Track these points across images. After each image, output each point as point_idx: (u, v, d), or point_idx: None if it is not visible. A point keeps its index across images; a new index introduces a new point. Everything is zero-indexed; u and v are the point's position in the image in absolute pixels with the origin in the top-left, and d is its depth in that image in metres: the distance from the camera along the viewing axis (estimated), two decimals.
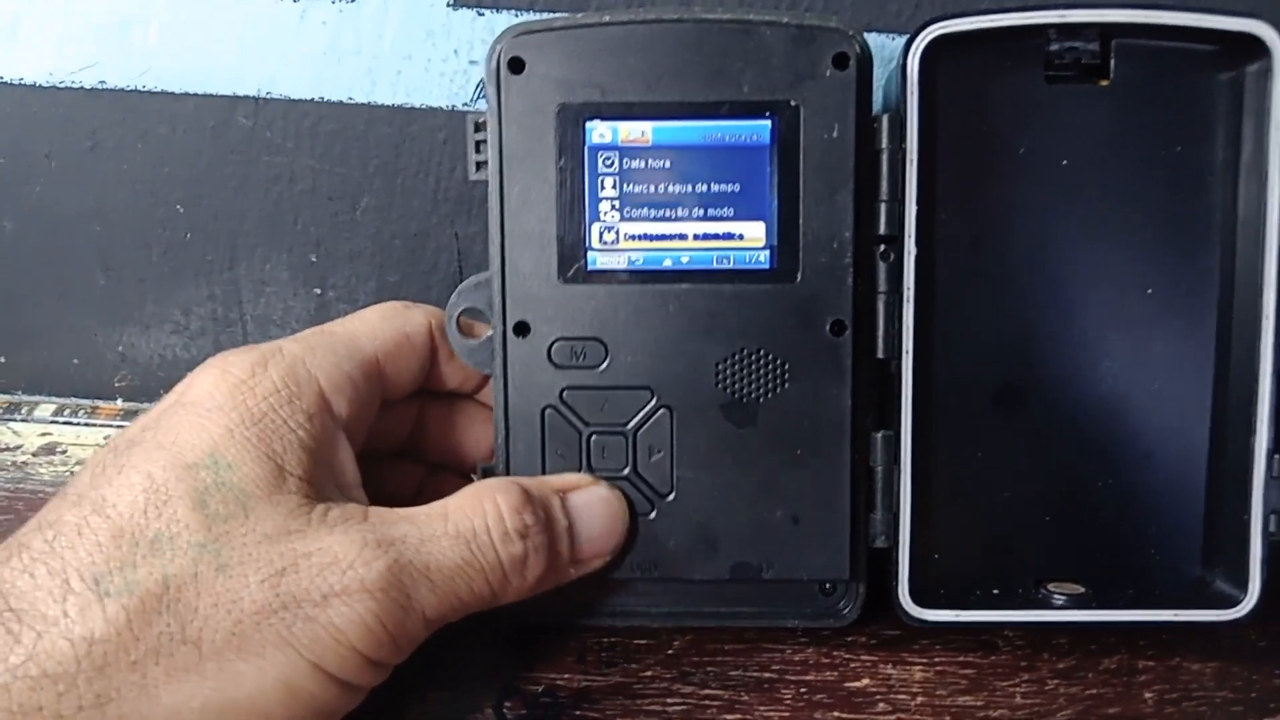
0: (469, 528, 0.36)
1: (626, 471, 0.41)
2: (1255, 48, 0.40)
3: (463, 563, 0.35)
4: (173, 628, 0.31)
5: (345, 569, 0.33)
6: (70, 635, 0.30)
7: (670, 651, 0.42)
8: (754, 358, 0.40)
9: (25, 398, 0.60)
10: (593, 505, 0.39)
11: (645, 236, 0.40)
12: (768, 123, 0.39)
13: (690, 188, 0.40)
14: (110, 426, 0.58)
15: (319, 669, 0.32)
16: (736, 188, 0.40)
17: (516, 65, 0.39)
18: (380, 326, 0.41)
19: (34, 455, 0.55)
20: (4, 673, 0.29)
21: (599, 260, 0.40)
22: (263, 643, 0.32)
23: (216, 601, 0.32)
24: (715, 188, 0.40)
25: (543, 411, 0.41)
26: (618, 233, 0.40)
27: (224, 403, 0.35)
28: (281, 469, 0.34)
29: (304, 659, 0.32)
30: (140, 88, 0.55)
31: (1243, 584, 0.41)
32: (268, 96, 0.54)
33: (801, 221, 0.39)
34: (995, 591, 0.42)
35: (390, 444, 0.44)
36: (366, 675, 0.34)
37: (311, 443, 0.36)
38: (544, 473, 0.41)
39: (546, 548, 0.37)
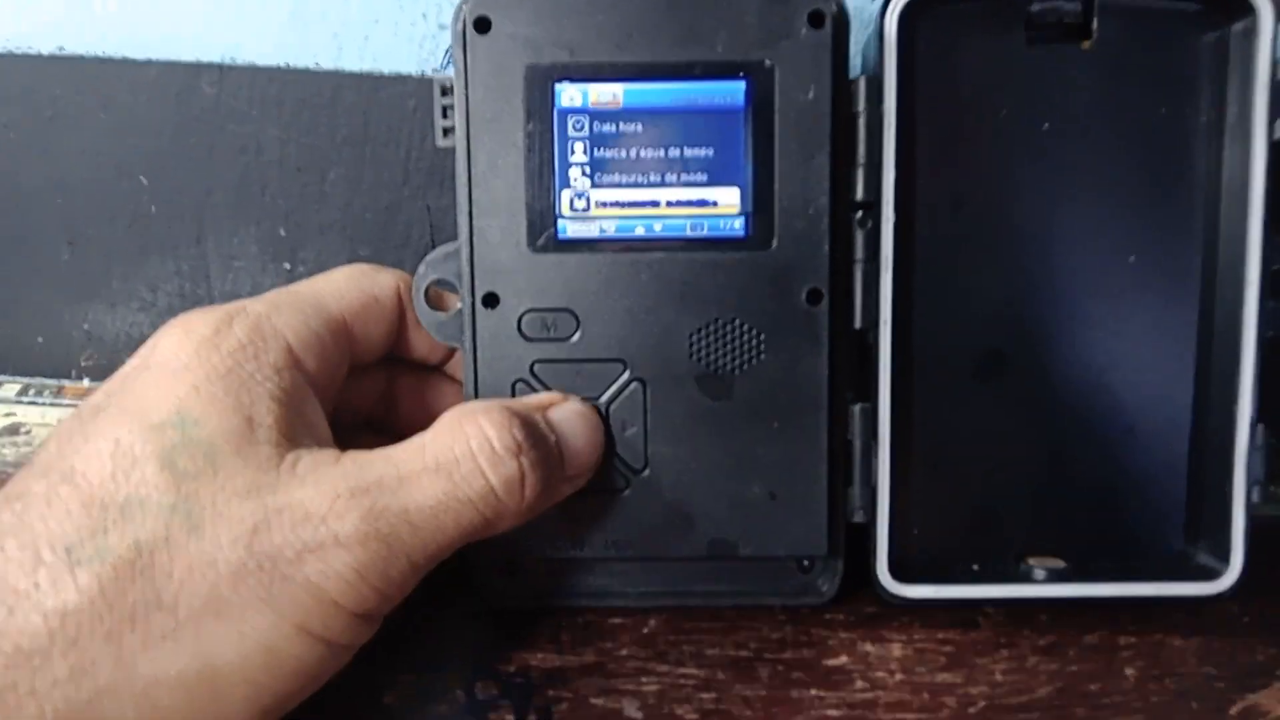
0: (450, 457, 0.34)
1: None
2: (1240, 7, 0.39)
3: (445, 496, 0.33)
4: (147, 594, 0.30)
5: (318, 524, 0.32)
6: (42, 608, 0.29)
7: (645, 630, 0.41)
8: (729, 328, 0.39)
9: None
10: (572, 419, 0.38)
11: (617, 204, 0.39)
12: (742, 84, 0.38)
13: (663, 152, 0.39)
14: (76, 405, 0.57)
15: (302, 629, 0.32)
16: (710, 152, 0.38)
17: (482, 25, 0.38)
18: (347, 287, 0.40)
19: None
20: None
21: (569, 229, 0.39)
22: (241, 605, 0.31)
23: (191, 565, 0.31)
24: (689, 152, 0.39)
25: (514, 385, 0.40)
26: (589, 200, 0.39)
27: (189, 361, 0.34)
28: (250, 420, 0.33)
29: (285, 620, 0.31)
30: (101, 54, 0.54)
31: (1225, 556, 0.41)
32: (232, 63, 0.53)
33: (777, 187, 0.38)
34: (975, 567, 0.42)
35: (358, 415, 0.43)
36: (353, 631, 0.33)
37: (281, 394, 0.35)
38: None
39: (542, 463, 0.36)
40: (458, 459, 0.34)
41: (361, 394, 0.42)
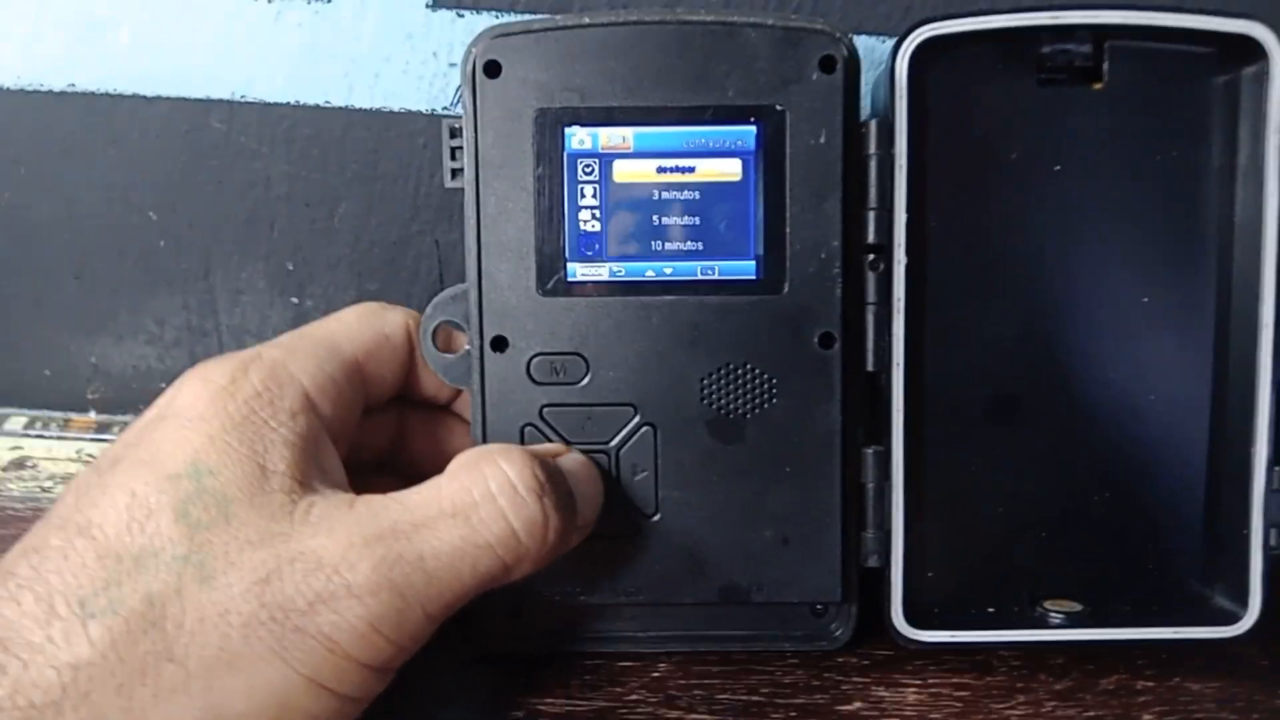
0: (468, 500, 0.33)
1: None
2: (1251, 50, 0.39)
3: (462, 542, 0.33)
4: (158, 646, 0.30)
5: (330, 573, 0.31)
6: (56, 663, 0.29)
7: (655, 674, 0.41)
8: (740, 372, 0.39)
9: None
10: (579, 469, 0.38)
11: (627, 247, 0.39)
12: (753, 128, 0.38)
13: (674, 195, 0.38)
14: (83, 439, 0.57)
15: (314, 682, 0.31)
16: (721, 196, 0.38)
17: (492, 69, 0.38)
18: (358, 328, 0.40)
19: (4, 470, 0.54)
20: None
21: (579, 272, 0.39)
22: (253, 658, 0.30)
23: (202, 616, 0.30)
24: (699, 196, 0.38)
25: (522, 429, 0.39)
26: (598, 243, 0.39)
27: (205, 411, 0.34)
28: (263, 468, 0.33)
29: (298, 673, 0.31)
30: (112, 91, 0.54)
31: (1243, 599, 0.40)
32: (242, 100, 0.53)
33: (788, 230, 0.38)
34: (990, 610, 0.41)
35: (371, 455, 0.43)
36: (366, 684, 0.32)
37: (295, 439, 0.34)
38: None
39: (564, 506, 0.35)
40: (476, 501, 0.34)
41: (374, 434, 0.42)
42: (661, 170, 0.38)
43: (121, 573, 0.31)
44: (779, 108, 0.38)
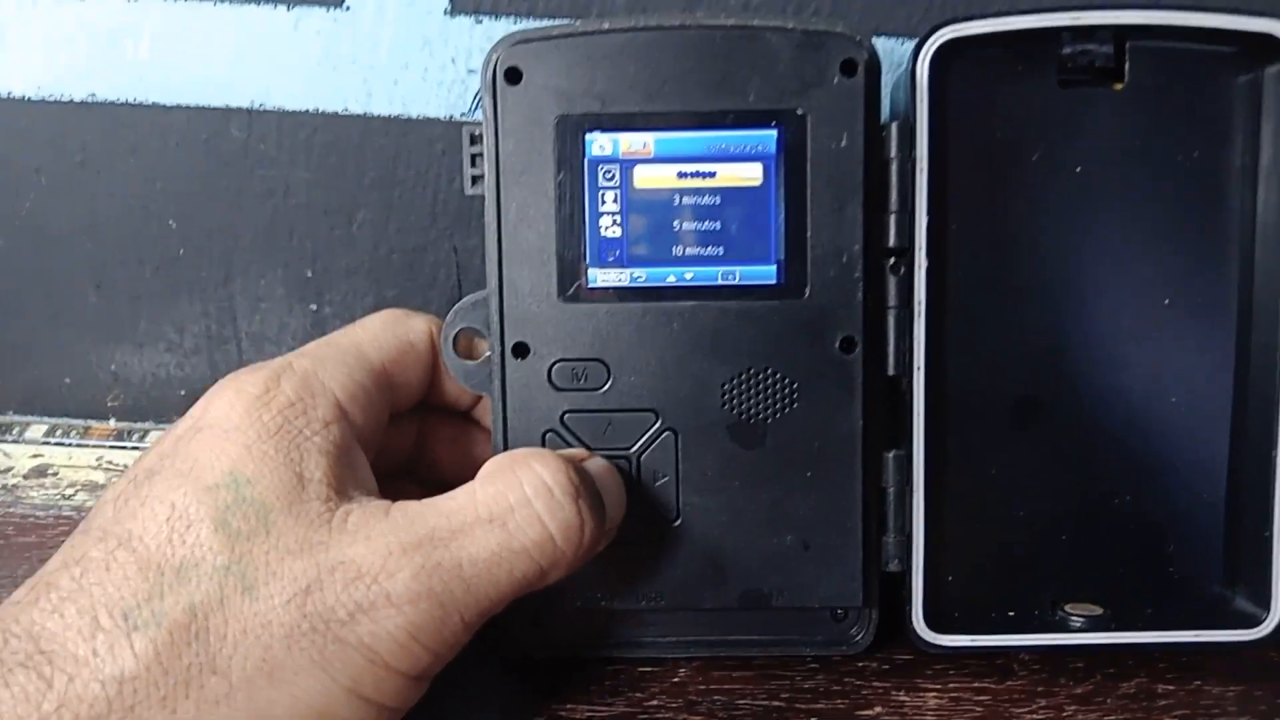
0: (504, 505, 0.33)
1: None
2: (1273, 48, 0.39)
3: (499, 547, 0.33)
4: (201, 658, 0.30)
5: (370, 583, 0.31)
6: (101, 676, 0.29)
7: (675, 680, 0.41)
8: (761, 377, 0.39)
9: (16, 418, 0.59)
10: (604, 473, 0.38)
11: (648, 252, 0.39)
12: (774, 132, 0.38)
13: (695, 200, 0.38)
14: (103, 447, 0.57)
15: (354, 693, 0.31)
16: (742, 201, 0.38)
17: (513, 75, 0.38)
18: (384, 335, 0.40)
19: (25, 478, 0.54)
20: None
21: (600, 278, 0.39)
22: (295, 669, 0.31)
23: (245, 627, 0.31)
24: (720, 201, 0.38)
25: (544, 435, 0.39)
26: (619, 249, 0.39)
27: (240, 421, 0.34)
28: (301, 477, 0.33)
29: (338, 684, 0.31)
30: (131, 100, 0.54)
31: (1265, 603, 0.40)
32: (261, 108, 0.53)
33: (809, 235, 0.38)
34: (1011, 614, 0.41)
35: (393, 461, 0.43)
36: (405, 694, 0.33)
37: (330, 448, 0.34)
38: None
39: (598, 510, 0.35)
40: (512, 506, 0.33)
41: (396, 441, 0.42)
42: (682, 175, 0.38)
43: (164, 584, 0.31)
44: (800, 111, 0.38)
